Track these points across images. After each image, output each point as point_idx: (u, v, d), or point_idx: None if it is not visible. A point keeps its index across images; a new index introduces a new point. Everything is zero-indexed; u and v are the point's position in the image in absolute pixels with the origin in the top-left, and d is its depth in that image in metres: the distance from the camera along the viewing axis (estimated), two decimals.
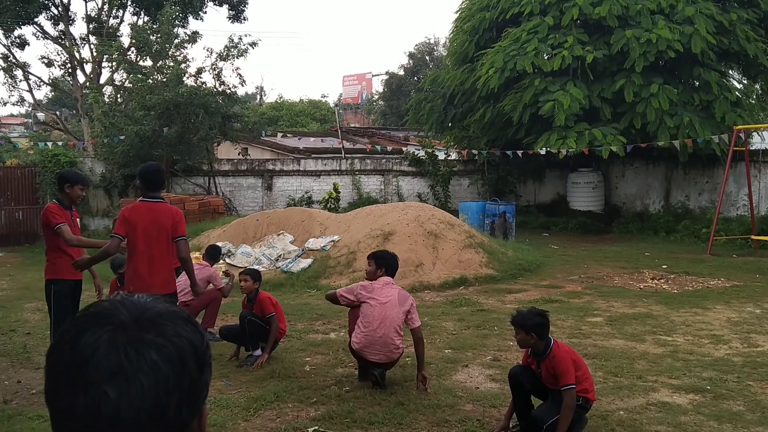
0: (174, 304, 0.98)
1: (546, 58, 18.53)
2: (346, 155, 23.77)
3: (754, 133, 18.51)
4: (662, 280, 12.02)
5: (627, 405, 5.61)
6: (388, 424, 5.25)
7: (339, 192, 20.60)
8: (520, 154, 19.87)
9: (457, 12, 22.77)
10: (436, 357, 7.05)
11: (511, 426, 4.99)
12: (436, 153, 22.39)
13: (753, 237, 15.91)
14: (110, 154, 18.95)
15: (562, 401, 4.61)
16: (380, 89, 52.05)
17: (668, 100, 17.36)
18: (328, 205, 19.80)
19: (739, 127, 16.01)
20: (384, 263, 6.30)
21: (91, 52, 25.70)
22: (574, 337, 8.00)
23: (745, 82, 20.71)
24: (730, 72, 20.38)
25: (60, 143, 21.22)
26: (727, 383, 6.14)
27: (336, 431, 5.07)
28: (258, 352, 7.00)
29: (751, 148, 17.30)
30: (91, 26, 25.97)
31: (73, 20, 26.28)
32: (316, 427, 5.14)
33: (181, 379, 0.89)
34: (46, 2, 25.10)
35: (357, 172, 22.00)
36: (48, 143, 21.09)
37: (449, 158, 22.49)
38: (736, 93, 18.58)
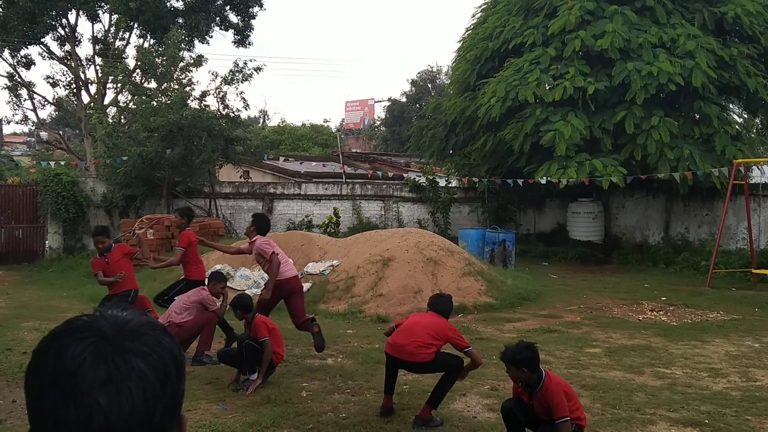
0: (150, 316, 1.01)
1: (547, 88, 18.67)
2: (347, 180, 23.85)
3: (754, 167, 18.57)
4: (661, 312, 11.99)
5: None
6: None
7: (339, 216, 20.63)
8: (520, 183, 19.93)
9: (459, 41, 23.03)
10: (433, 385, 7.00)
11: None
12: (437, 180, 22.46)
13: (752, 270, 15.90)
14: (112, 174, 19.00)
15: (555, 430, 4.59)
16: (382, 115, 52.43)
17: (669, 132, 17.46)
18: (328, 230, 19.81)
19: (739, 160, 16.09)
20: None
21: (96, 73, 25.93)
22: (572, 367, 7.97)
23: (746, 116, 20.85)
24: (731, 106, 20.52)
25: (62, 163, 21.30)
26: (725, 417, 6.11)
27: None
28: (254, 376, 6.97)
29: (750, 182, 17.35)
30: (97, 47, 26.23)
31: (80, 41, 26.57)
32: None
33: (165, 387, 0.92)
34: (53, 23, 25.37)
35: (357, 197, 22.05)
36: (50, 162, 21.17)
37: (450, 185, 22.55)
38: (736, 127, 18.70)
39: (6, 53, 25.24)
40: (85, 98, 26.21)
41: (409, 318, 6.31)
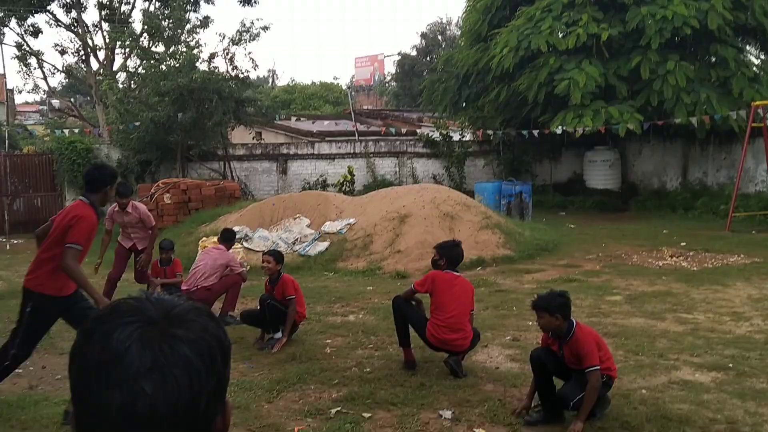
0: (196, 301, 0.99)
1: (560, 36, 18.35)
2: (360, 138, 23.72)
3: None
4: (681, 258, 11.94)
5: (649, 383, 5.60)
6: (410, 404, 5.27)
7: (353, 175, 20.58)
8: (535, 134, 19.74)
9: None
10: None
11: (532, 405, 4.99)
12: (451, 134, 22.28)
13: None
14: (126, 140, 19.02)
15: (585, 380, 4.61)
16: (393, 70, 51.76)
17: (685, 76, 17.15)
18: (343, 188, 19.79)
19: (757, 103, 15.79)
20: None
21: (104, 39, 25.72)
22: (593, 316, 7.98)
23: (763, 57, 20.42)
24: (747, 48, 20.09)
25: (76, 130, 21.33)
26: (749, 360, 6.11)
27: (358, 413, 5.10)
28: (278, 335, 7.04)
29: None
30: (103, 13, 25.96)
31: (85, 7, 26.27)
32: (339, 408, 5.18)
33: (210, 374, 0.90)
34: None
35: (371, 155, 21.96)
36: (64, 130, 21.20)
37: (464, 139, 22.38)
38: (754, 69, 18.36)
39: (13, 22, 25.09)
40: (94, 65, 26.08)
41: (438, 296, 5.95)
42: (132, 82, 23.35)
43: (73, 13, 25.92)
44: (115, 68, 25.45)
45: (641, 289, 9.49)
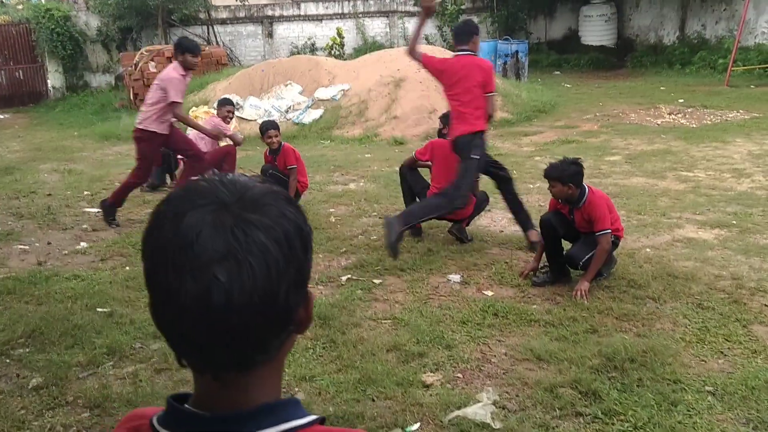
0: (274, 184, 0.90)
1: None
2: None
3: None
4: (680, 115, 11.84)
5: (653, 242, 5.68)
6: (419, 270, 5.34)
7: (343, 37, 19.91)
8: None
9: None
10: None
11: (539, 267, 5.06)
12: None
13: None
14: (104, 6, 18.19)
15: (594, 241, 4.65)
16: None
17: None
18: (333, 52, 19.21)
19: None
20: None
21: None
22: (594, 177, 7.97)
23: None
24: None
25: None
26: (752, 217, 6.17)
27: (369, 279, 5.17)
28: None
29: None
30: None
31: None
32: (350, 276, 5.25)
33: (289, 262, 0.83)
34: None
35: (360, 15, 21.15)
36: None
37: None
38: None
39: None
40: None
41: (437, 165, 5.92)
42: None
43: None
44: None
45: (640, 148, 9.45)
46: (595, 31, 21.03)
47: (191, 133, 8.52)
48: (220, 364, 0.85)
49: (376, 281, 5.12)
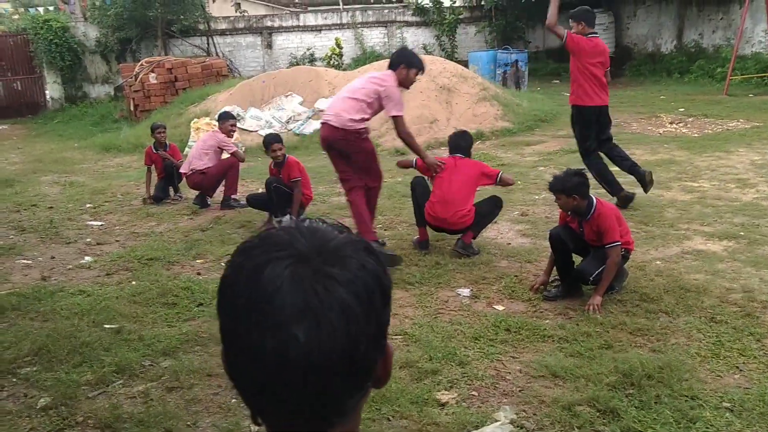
0: (352, 233, 0.87)
1: None
2: (346, 7, 22.80)
3: None
4: (681, 124, 11.84)
5: (662, 254, 5.65)
6: (427, 283, 5.31)
7: (341, 48, 19.91)
8: None
9: None
10: None
11: (550, 281, 5.03)
12: (441, 0, 21.43)
13: None
14: (103, 17, 18.18)
15: (604, 255, 4.62)
16: None
17: None
18: (332, 62, 19.22)
19: None
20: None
21: None
22: (599, 187, 7.93)
23: None
24: None
25: (51, 8, 20.33)
26: (759, 228, 6.15)
27: None
28: (286, 218, 6.98)
29: None
30: None
31: None
32: None
33: (369, 317, 0.81)
34: None
35: (359, 25, 21.18)
36: (38, 8, 20.21)
37: (454, 5, 21.55)
38: None
39: None
40: None
41: (438, 179, 5.96)
42: None
43: None
44: None
45: (644, 158, 9.42)
46: None
47: (193, 148, 8.51)
48: (297, 423, 0.82)
49: None
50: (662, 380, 3.62)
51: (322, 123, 5.89)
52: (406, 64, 5.75)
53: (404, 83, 5.74)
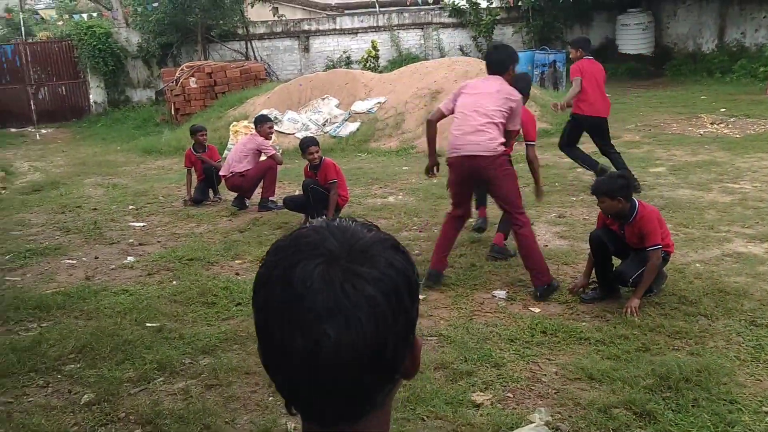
0: (381, 230, 0.90)
1: None
2: (382, 9, 22.85)
3: None
4: (722, 125, 11.62)
5: (702, 257, 5.56)
6: (463, 285, 5.31)
7: (378, 50, 19.98)
8: None
9: None
10: (498, 215, 7.01)
11: (588, 283, 4.99)
12: (478, 1, 21.35)
13: None
14: (145, 23, 18.55)
15: (644, 257, 4.57)
16: None
17: None
18: (368, 65, 19.29)
19: None
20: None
21: None
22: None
23: None
24: None
25: (95, 14, 20.79)
26: None
27: None
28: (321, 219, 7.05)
29: None
30: None
31: None
32: None
33: (397, 315, 0.84)
34: None
35: (395, 28, 21.21)
36: (82, 15, 20.69)
37: (491, 6, 21.45)
38: None
39: None
40: None
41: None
42: None
43: None
44: None
45: (684, 159, 9.30)
46: (633, 40, 20.79)
47: (232, 151, 8.64)
48: (329, 415, 0.85)
49: (420, 297, 5.09)
50: (700, 383, 3.58)
51: (465, 156, 5.07)
52: (514, 63, 5.17)
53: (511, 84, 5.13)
